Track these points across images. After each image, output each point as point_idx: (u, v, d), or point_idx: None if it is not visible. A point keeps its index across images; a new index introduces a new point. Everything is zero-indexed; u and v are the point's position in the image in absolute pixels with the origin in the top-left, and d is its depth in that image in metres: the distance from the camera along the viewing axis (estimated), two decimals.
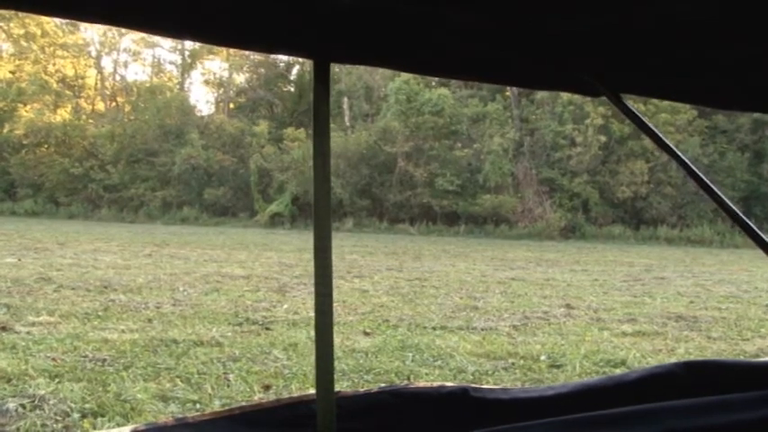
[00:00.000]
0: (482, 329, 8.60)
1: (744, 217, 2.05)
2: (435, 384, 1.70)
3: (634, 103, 31.68)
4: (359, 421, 1.56)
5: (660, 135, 2.02)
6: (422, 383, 1.72)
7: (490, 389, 1.77)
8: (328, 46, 1.46)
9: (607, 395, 1.81)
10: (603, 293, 12.62)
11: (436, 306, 10.38)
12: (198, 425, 1.39)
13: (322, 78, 1.44)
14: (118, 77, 49.81)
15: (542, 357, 7.18)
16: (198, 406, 5.16)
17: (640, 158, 33.44)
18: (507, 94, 37.61)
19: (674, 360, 2.07)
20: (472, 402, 1.69)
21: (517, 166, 35.34)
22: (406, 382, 2.68)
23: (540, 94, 35.61)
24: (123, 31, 43.96)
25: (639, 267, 18.54)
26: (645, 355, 7.47)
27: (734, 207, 2.01)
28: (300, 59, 36.47)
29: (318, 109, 1.43)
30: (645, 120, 2.00)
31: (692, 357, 6.84)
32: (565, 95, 32.93)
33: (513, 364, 6.90)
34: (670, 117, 33.13)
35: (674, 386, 1.87)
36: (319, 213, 1.42)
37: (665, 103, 32.02)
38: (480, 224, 34.23)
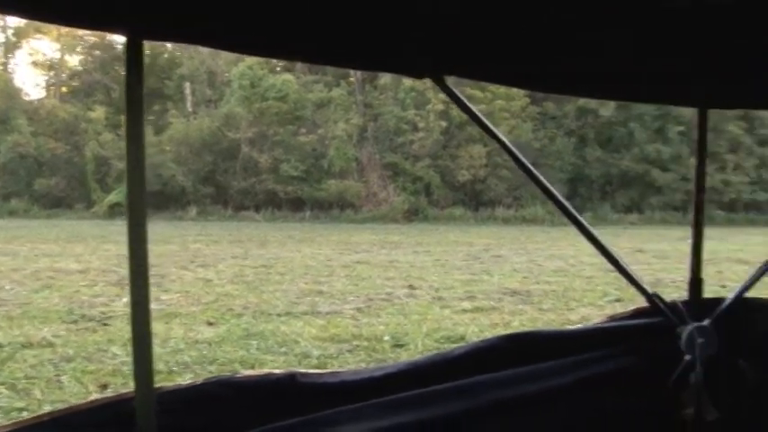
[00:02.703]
0: (327, 313, 8.67)
1: (560, 197, 2.18)
2: (262, 372, 1.69)
3: (471, 89, 32.63)
4: (182, 416, 1.51)
5: (483, 118, 2.08)
6: (248, 372, 1.70)
7: (319, 373, 1.77)
8: (140, 22, 1.37)
9: (436, 372, 1.87)
10: (445, 273, 13.08)
11: (281, 292, 10.34)
12: None
13: (135, 56, 1.36)
14: None
15: (386, 338, 7.34)
16: (25, 413, 4.84)
17: (479, 143, 34.79)
18: (351, 79, 37.89)
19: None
20: (301, 388, 1.68)
21: (361, 152, 35.74)
22: (230, 372, 2.62)
23: (384, 80, 36.15)
24: None
25: (479, 247, 19.37)
26: (483, 330, 7.82)
27: (551, 187, 2.14)
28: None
29: (131, 90, 1.35)
30: (468, 104, 2.05)
31: (525, 329, 7.25)
32: (407, 81, 33.65)
33: (357, 346, 7.01)
34: (505, 103, 34.71)
35: (497, 358, 1.95)
36: (133, 203, 1.36)
37: (502, 90, 33.53)
38: (326, 209, 34.37)
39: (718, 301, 2.30)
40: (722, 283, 10.73)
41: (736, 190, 34.96)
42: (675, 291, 2.20)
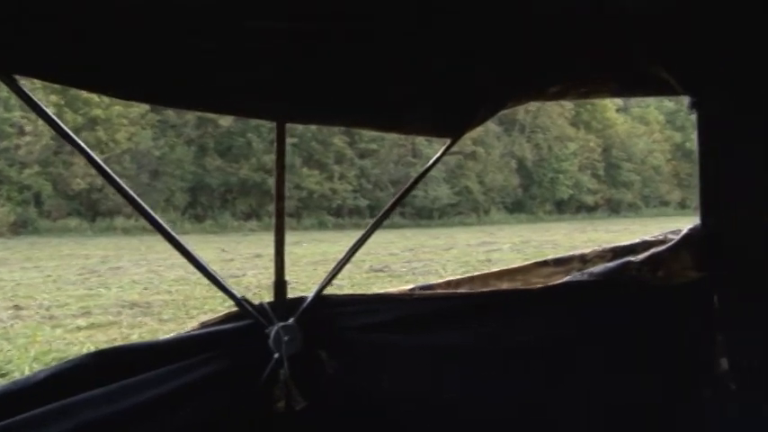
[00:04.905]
0: None
1: (145, 206, 2.21)
2: None
3: (88, 93, 30.84)
4: None
5: (60, 124, 2.02)
6: None
7: None
8: None
9: (15, 400, 1.75)
10: (57, 289, 12.27)
11: None
12: None
13: None
14: None
15: None
16: None
17: (95, 149, 32.99)
18: None
19: None
20: None
21: None
22: None
23: None
24: None
25: (96, 259, 18.48)
26: (100, 347, 7.55)
27: (136, 197, 2.16)
28: None
29: None
30: (44, 108, 1.96)
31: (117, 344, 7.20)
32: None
33: None
34: (123, 110, 33.50)
35: (86, 378, 1.89)
36: None
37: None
38: None
39: (301, 300, 2.55)
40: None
41: (341, 197, 38.46)
42: (291, 292, 2.43)
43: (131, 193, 2.14)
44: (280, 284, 2.53)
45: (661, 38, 2.38)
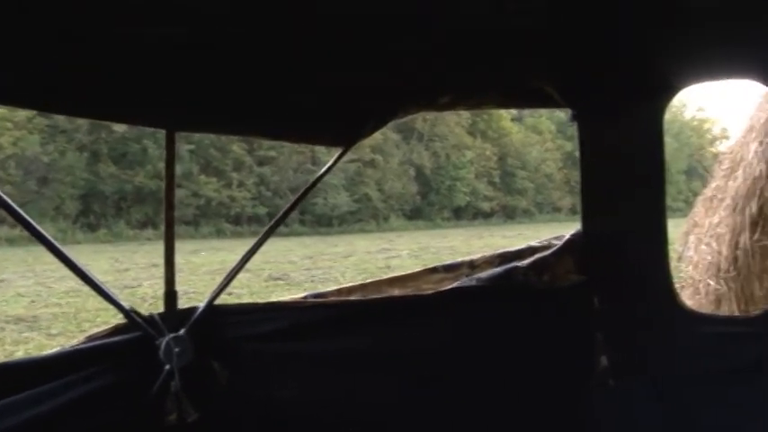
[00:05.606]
0: None
1: (28, 218, 2.09)
2: None
3: None
4: None
5: None
6: None
7: None
8: None
9: None
10: None
11: None
12: None
13: None
14: None
15: None
16: None
17: None
18: None
19: None
20: None
21: None
22: None
23: None
24: None
25: None
26: None
27: (18, 209, 2.08)
28: None
29: None
30: None
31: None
32: None
33: None
34: (8, 113, 31.85)
35: None
36: None
37: None
38: None
39: (192, 310, 2.54)
40: (229, 291, 11.63)
41: (240, 205, 37.90)
42: (188, 302, 2.38)
43: (9, 200, 2.05)
44: (170, 295, 2.51)
45: (543, 54, 2.51)
